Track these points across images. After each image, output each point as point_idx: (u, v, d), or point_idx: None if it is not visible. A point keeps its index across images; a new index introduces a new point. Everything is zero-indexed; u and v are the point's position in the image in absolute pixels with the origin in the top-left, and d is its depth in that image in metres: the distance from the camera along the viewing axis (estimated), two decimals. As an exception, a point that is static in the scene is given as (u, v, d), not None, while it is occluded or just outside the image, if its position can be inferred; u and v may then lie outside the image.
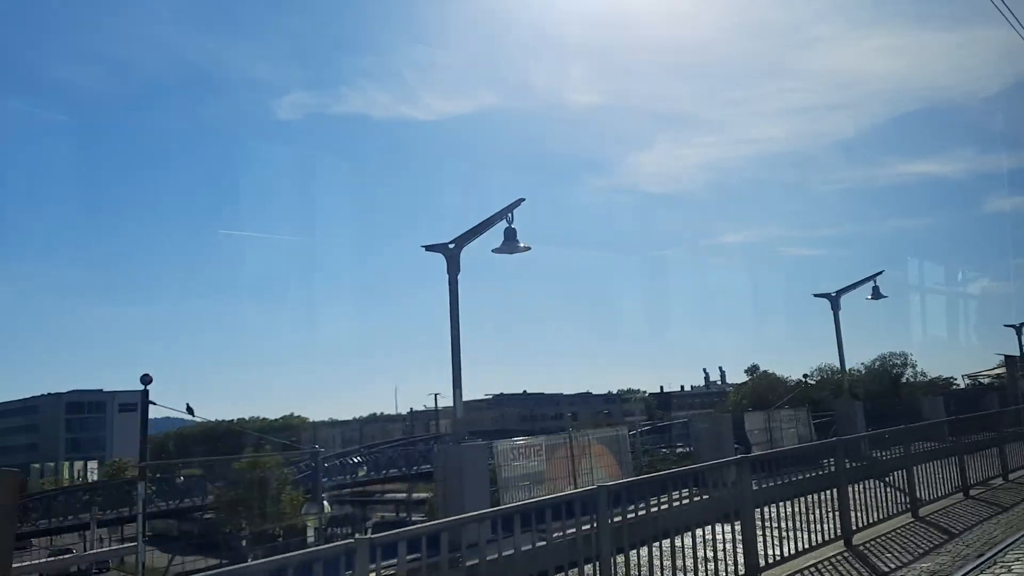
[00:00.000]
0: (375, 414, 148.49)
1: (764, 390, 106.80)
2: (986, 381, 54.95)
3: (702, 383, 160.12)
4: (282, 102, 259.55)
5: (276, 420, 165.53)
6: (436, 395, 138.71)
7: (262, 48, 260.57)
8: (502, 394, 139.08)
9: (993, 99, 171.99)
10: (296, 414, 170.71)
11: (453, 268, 14.90)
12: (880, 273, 30.20)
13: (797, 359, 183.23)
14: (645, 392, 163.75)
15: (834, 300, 29.31)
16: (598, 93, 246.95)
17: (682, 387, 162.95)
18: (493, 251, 15.11)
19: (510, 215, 14.81)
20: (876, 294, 29.81)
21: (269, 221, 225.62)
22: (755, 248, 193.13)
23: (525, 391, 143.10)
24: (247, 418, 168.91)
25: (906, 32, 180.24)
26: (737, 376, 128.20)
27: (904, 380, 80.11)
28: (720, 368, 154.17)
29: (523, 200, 14.86)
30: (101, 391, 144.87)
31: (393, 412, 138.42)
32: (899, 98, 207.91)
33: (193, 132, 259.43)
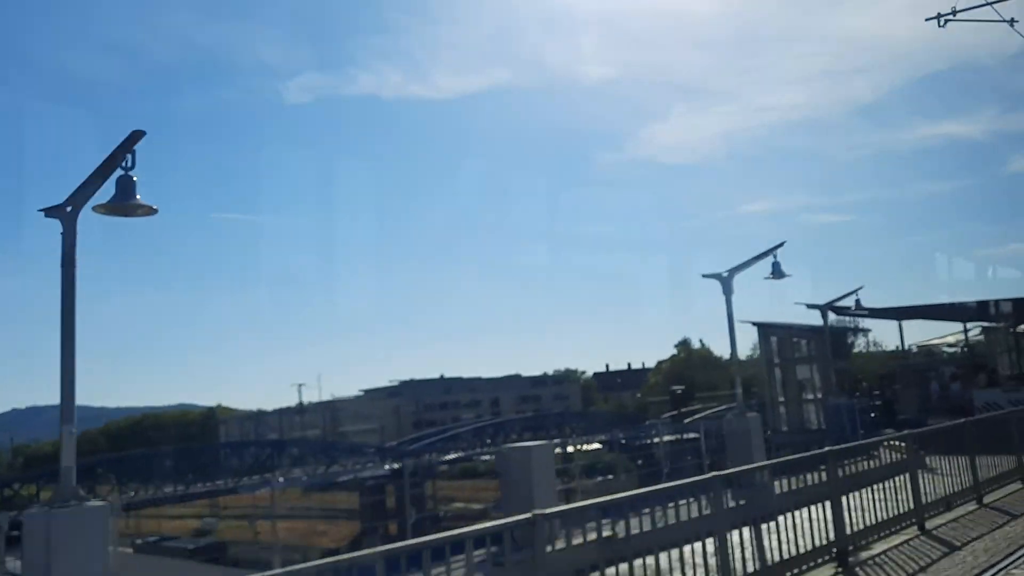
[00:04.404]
0: (301, 404, 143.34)
1: (688, 370, 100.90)
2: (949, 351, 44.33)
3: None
4: (292, 85, 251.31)
5: (203, 410, 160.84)
6: (300, 385, 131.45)
7: (272, 31, 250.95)
8: (411, 380, 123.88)
9: (1016, 57, 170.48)
10: (223, 405, 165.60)
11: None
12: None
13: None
14: (585, 372, 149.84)
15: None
16: (611, 65, 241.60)
17: (629, 365, 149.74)
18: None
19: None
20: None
21: (271, 205, 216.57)
22: (777, 217, 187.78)
23: (442, 375, 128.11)
24: (171, 404, 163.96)
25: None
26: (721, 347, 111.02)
27: (857, 351, 74.03)
28: (700, 340, 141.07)
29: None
30: None
31: (316, 400, 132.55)
32: (920, 59, 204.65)
33: (204, 118, 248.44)
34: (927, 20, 16.07)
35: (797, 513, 9.43)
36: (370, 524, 38.37)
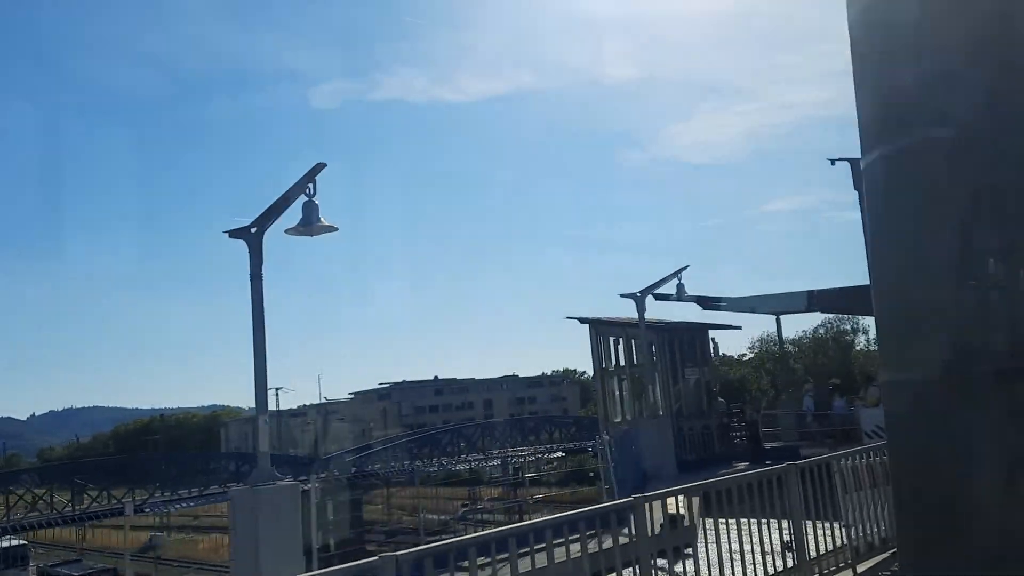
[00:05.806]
0: (304, 405, 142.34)
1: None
2: None
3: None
4: (320, 91, 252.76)
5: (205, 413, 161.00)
6: (278, 390, 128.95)
7: (298, 39, 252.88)
8: (403, 382, 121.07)
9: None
10: (229, 405, 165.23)
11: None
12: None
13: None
14: (584, 373, 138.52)
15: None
16: (633, 66, 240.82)
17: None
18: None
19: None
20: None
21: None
22: (802, 215, 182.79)
23: (436, 376, 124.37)
24: (207, 405, 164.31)
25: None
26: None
27: (858, 350, 62.71)
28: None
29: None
30: None
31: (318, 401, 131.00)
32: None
33: (233, 126, 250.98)
34: None
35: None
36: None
